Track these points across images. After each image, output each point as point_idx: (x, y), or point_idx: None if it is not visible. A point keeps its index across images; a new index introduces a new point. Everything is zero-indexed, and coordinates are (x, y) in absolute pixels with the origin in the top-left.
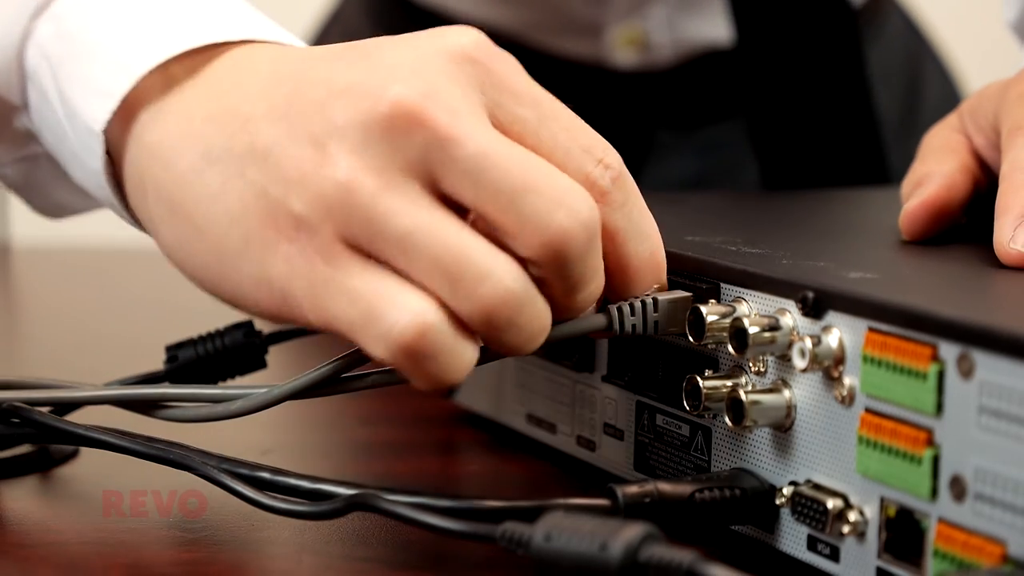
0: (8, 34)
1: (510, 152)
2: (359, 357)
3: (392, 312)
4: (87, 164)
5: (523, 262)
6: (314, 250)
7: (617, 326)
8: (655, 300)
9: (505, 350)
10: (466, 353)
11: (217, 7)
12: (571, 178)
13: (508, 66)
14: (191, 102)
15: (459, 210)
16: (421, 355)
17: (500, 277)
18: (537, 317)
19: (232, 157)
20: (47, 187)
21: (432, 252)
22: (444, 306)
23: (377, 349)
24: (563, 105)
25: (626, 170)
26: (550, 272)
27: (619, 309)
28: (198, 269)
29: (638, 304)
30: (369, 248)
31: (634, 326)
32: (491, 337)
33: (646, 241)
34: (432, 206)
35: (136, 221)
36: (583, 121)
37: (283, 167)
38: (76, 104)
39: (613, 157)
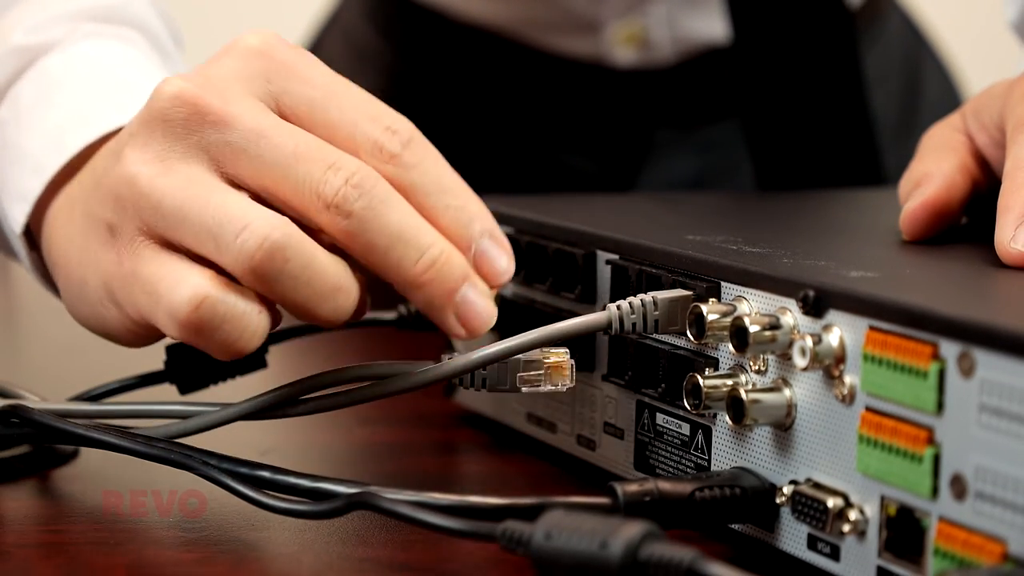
0: None
1: (281, 128)
2: (312, 384)
3: (173, 290)
4: (20, 255)
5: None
6: (121, 249)
7: (617, 325)
8: (655, 299)
9: (298, 310)
10: (251, 318)
11: (111, 98)
12: (362, 147)
13: (297, 56)
14: (70, 199)
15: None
16: (206, 327)
17: (257, 225)
18: (317, 270)
19: (81, 198)
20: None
21: (199, 217)
22: (223, 276)
23: (168, 329)
24: (356, 87)
25: (420, 135)
26: (340, 233)
27: (619, 307)
28: (75, 314)
29: (637, 302)
30: (163, 235)
31: (634, 324)
32: (274, 293)
33: (446, 194)
34: (211, 182)
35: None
36: (375, 99)
37: (100, 186)
38: (6, 208)
39: (403, 124)
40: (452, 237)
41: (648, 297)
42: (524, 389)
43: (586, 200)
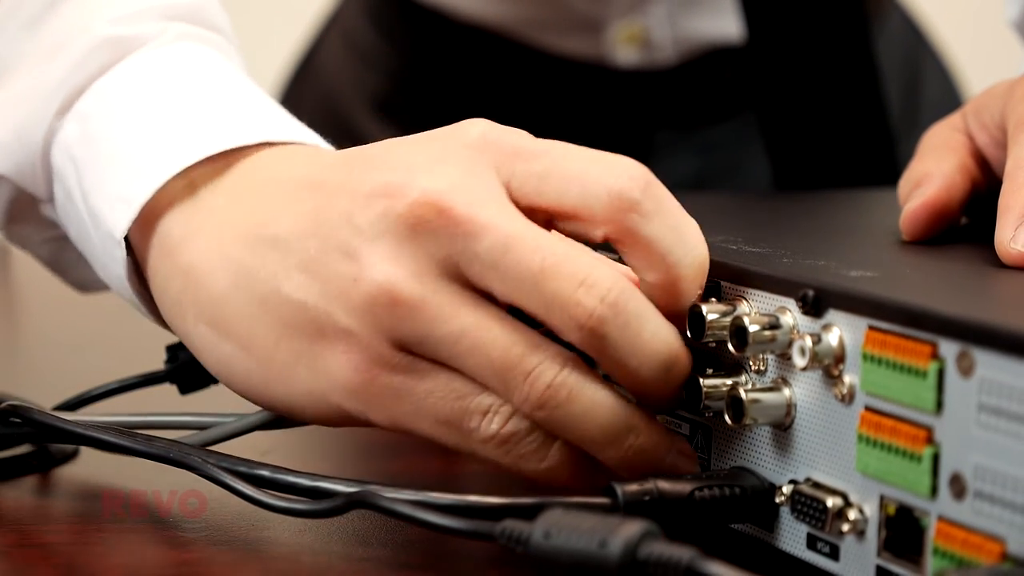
0: (32, 131)
1: (529, 237)
2: None
3: (475, 416)
4: (109, 268)
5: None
6: (371, 360)
7: None
8: None
9: (587, 445)
10: (548, 453)
11: (235, 108)
12: (601, 201)
13: (516, 136)
14: (218, 216)
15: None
16: (513, 455)
17: (545, 372)
18: (603, 408)
19: (267, 277)
20: (76, 267)
21: (481, 354)
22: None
23: (475, 448)
24: (574, 145)
25: (654, 179)
26: (596, 352)
27: None
28: (246, 385)
29: None
30: (420, 350)
31: None
32: (559, 431)
33: (689, 248)
34: (474, 304)
35: (159, 320)
36: (596, 150)
37: (321, 282)
38: (98, 209)
39: (638, 169)
40: (685, 293)
41: None
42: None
43: None
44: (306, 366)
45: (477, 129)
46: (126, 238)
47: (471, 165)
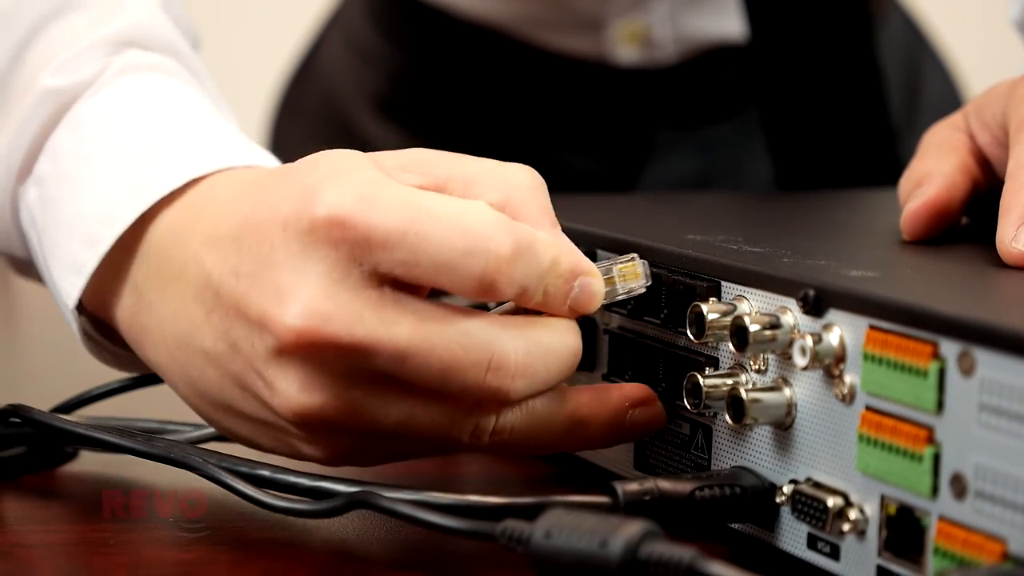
0: (1, 199)
1: (419, 342)
2: None
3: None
4: (72, 326)
5: None
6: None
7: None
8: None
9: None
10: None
11: (159, 158)
12: (471, 287)
13: (366, 220)
14: (146, 277)
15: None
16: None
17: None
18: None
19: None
20: None
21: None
22: None
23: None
24: (427, 207)
25: (525, 238)
26: None
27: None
28: (204, 417)
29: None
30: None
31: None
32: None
33: (558, 278)
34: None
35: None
36: (452, 212)
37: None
38: (56, 277)
39: (503, 243)
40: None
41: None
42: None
43: (587, 200)
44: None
45: (322, 213)
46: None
47: (331, 270)
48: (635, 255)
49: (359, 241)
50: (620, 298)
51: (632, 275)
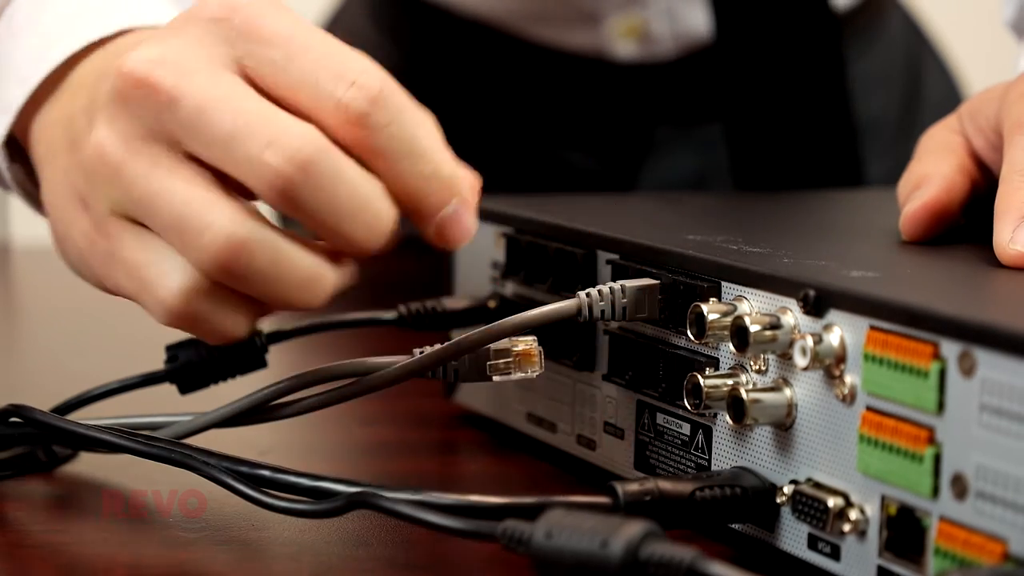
0: None
1: (227, 100)
2: (293, 384)
3: (159, 282)
4: (3, 174)
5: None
6: (94, 225)
7: (586, 312)
8: (623, 287)
9: (277, 303)
10: (235, 314)
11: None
12: (324, 109)
13: (256, 12)
14: (54, 120)
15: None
16: (191, 319)
17: (220, 225)
18: (285, 262)
19: (61, 164)
20: None
21: (164, 212)
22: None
23: (157, 317)
24: (320, 35)
25: (392, 87)
26: (292, 211)
27: (587, 295)
28: (60, 253)
29: (606, 290)
30: (136, 217)
31: (603, 311)
32: (248, 288)
33: (420, 160)
34: (172, 167)
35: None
36: (340, 46)
37: (77, 156)
38: None
39: (370, 77)
40: (419, 206)
41: (616, 285)
42: (495, 378)
43: (586, 200)
44: (71, 231)
45: (215, 1)
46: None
47: (200, 35)
48: (535, 338)
49: (244, 26)
50: (509, 378)
51: (528, 360)
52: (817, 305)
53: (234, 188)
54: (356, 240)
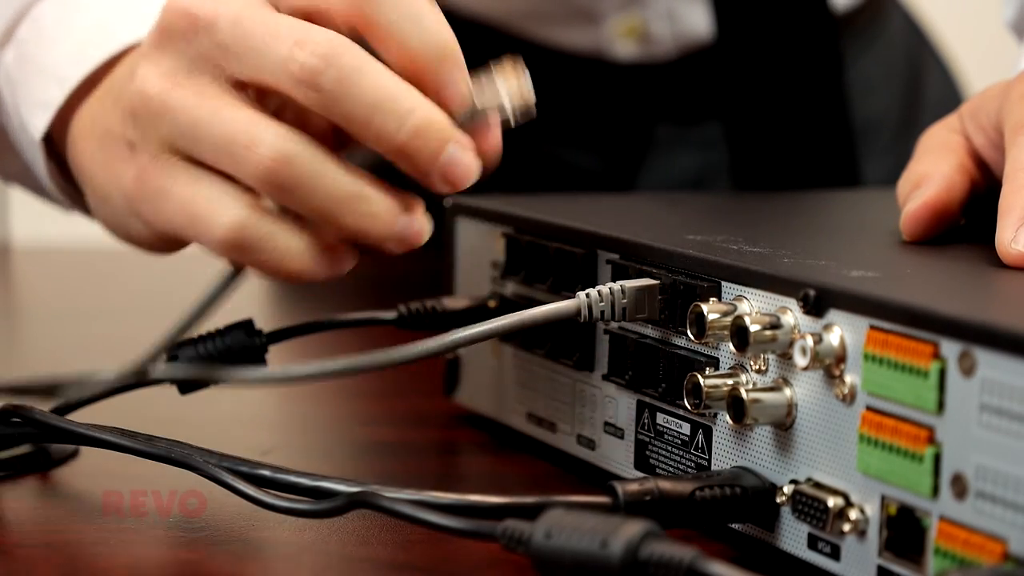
0: None
1: (260, 14)
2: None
3: (212, 215)
4: (38, 164)
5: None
6: (145, 166)
7: (586, 312)
8: (623, 287)
9: (328, 223)
10: (290, 240)
11: (134, 5)
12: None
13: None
14: (93, 115)
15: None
16: (248, 249)
17: (268, 140)
18: (330, 174)
19: (105, 120)
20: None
21: (214, 135)
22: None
23: (212, 249)
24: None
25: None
26: (320, 108)
27: (587, 295)
28: (103, 224)
29: (606, 290)
30: (185, 151)
31: (603, 312)
32: (295, 203)
33: (428, 34)
34: (217, 94)
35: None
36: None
37: (115, 100)
38: (24, 119)
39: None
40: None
41: (616, 285)
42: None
43: (586, 200)
44: (113, 187)
45: None
46: (49, 142)
47: None
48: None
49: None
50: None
51: (517, 91)
52: (817, 305)
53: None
54: (387, 133)
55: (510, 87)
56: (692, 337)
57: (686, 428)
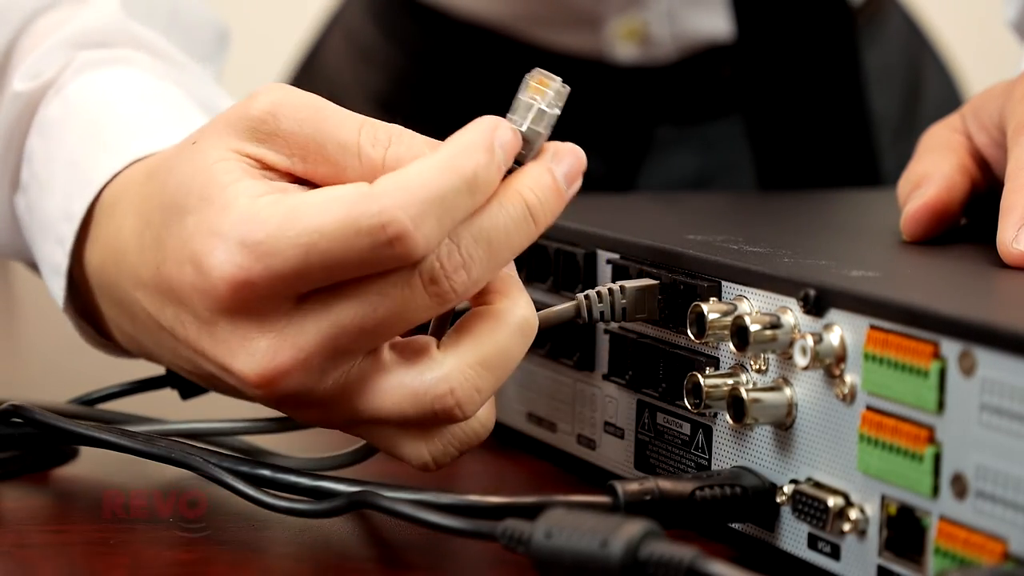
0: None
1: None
2: None
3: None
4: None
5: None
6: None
7: (585, 313)
8: (622, 287)
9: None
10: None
11: (108, 138)
12: None
13: (275, 272)
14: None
15: None
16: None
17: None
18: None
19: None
20: None
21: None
22: None
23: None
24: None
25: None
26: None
27: (587, 296)
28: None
29: (605, 291)
30: None
31: (602, 312)
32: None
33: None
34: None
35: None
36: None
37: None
38: (46, 282)
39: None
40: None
41: (615, 286)
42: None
43: (587, 200)
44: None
45: (223, 288)
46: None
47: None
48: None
49: (269, 288)
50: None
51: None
52: (817, 305)
53: None
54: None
55: (547, 100)
56: (692, 337)
57: (686, 428)
